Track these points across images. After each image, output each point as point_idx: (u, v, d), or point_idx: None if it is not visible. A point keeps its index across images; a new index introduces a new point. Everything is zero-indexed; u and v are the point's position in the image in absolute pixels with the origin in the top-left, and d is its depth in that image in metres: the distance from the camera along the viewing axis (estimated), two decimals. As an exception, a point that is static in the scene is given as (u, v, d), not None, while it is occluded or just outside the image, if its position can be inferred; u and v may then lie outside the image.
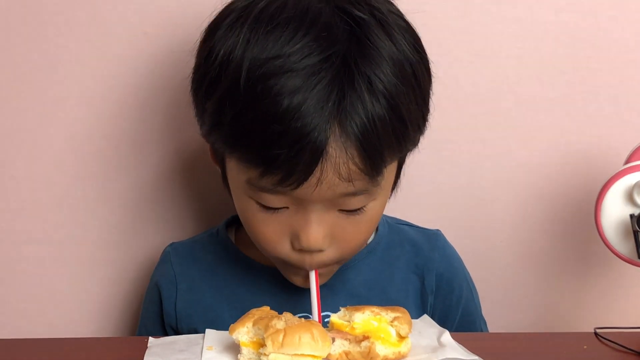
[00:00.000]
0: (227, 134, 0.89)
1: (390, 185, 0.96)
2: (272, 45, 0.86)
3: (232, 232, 1.08)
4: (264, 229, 0.93)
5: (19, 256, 1.17)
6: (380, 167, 0.89)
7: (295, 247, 0.92)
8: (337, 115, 0.85)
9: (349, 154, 0.86)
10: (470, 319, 1.08)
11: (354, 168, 0.87)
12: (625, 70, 1.17)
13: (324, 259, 0.93)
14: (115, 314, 1.20)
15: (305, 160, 0.85)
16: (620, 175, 0.93)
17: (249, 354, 0.82)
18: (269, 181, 0.87)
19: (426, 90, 0.94)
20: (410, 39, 0.92)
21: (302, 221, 0.90)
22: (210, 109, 0.91)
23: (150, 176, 1.17)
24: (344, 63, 0.86)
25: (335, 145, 0.85)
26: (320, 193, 0.87)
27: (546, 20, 1.15)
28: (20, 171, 1.16)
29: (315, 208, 0.90)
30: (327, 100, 0.84)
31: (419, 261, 1.06)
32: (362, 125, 0.85)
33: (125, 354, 0.89)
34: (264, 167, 0.87)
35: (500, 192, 1.19)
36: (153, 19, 1.13)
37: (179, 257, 1.08)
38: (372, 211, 0.94)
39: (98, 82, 1.14)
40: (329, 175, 0.86)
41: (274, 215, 0.91)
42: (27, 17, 1.12)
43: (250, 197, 0.92)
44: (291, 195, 0.88)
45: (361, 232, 0.95)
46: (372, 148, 0.87)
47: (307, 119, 0.84)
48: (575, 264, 1.21)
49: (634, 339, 0.91)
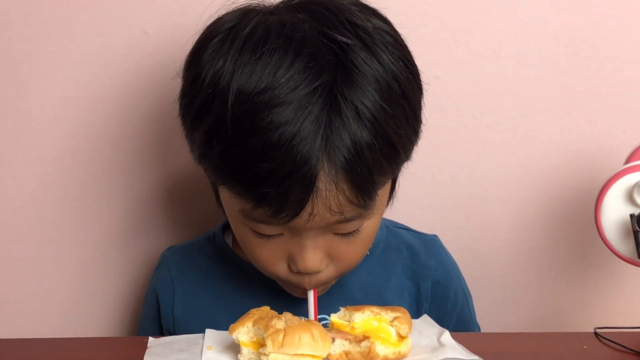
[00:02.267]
0: (216, 167, 0.89)
1: (384, 202, 0.97)
2: (258, 77, 0.84)
3: (228, 235, 1.08)
4: (260, 252, 0.93)
5: (19, 256, 1.17)
6: (372, 193, 0.89)
7: (293, 270, 0.92)
8: (326, 149, 0.84)
9: (339, 188, 0.85)
10: (465, 325, 1.08)
11: (344, 201, 0.86)
12: (625, 70, 1.17)
13: (322, 279, 0.94)
14: (115, 314, 1.20)
15: (295, 197, 0.84)
16: (620, 175, 0.93)
17: (248, 354, 0.82)
18: (262, 213, 0.87)
19: (417, 105, 0.92)
20: (398, 53, 0.90)
21: (298, 247, 0.91)
22: (199, 141, 0.90)
23: (151, 176, 1.17)
24: (330, 94, 0.84)
25: (325, 179, 0.84)
26: (313, 224, 0.87)
27: (546, 20, 1.15)
28: (20, 171, 1.16)
29: (309, 234, 0.90)
30: (315, 135, 0.83)
31: (415, 267, 1.06)
32: (350, 157, 0.84)
33: (125, 354, 0.89)
34: (255, 202, 0.86)
35: (500, 192, 1.19)
36: (153, 19, 1.13)
37: (176, 262, 1.08)
38: (368, 229, 0.94)
39: (98, 82, 1.14)
40: (320, 210, 0.86)
41: (270, 241, 0.92)
42: (27, 17, 1.13)
43: (244, 224, 0.92)
44: (284, 225, 0.88)
45: (357, 250, 0.95)
46: (362, 179, 0.86)
47: (296, 156, 0.83)
48: (575, 264, 1.21)
49: (634, 339, 0.91)
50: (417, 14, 1.12)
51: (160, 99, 1.15)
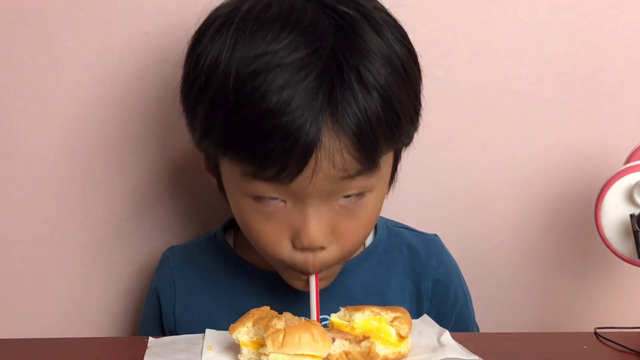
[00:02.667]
0: (219, 136, 0.89)
1: (387, 179, 0.96)
2: (259, 44, 0.86)
3: (230, 235, 1.08)
4: (263, 230, 0.93)
5: (19, 256, 1.17)
6: (375, 155, 0.89)
7: (297, 247, 0.92)
8: (329, 106, 0.85)
9: (342, 143, 0.86)
10: (464, 325, 1.08)
11: (348, 157, 0.87)
12: (625, 70, 1.17)
13: (326, 258, 0.93)
14: (115, 314, 1.20)
15: (299, 152, 0.85)
16: (620, 175, 0.93)
17: (249, 354, 0.82)
18: (265, 176, 0.87)
19: (416, 84, 0.94)
20: (398, 34, 0.92)
21: (301, 218, 0.90)
22: (202, 112, 0.90)
23: (151, 176, 1.17)
24: (332, 56, 0.86)
25: (328, 135, 0.86)
26: (316, 185, 0.87)
27: (546, 20, 1.15)
28: (20, 171, 1.16)
29: (312, 202, 0.90)
30: (317, 92, 0.85)
31: (416, 267, 1.06)
32: (353, 115, 0.86)
33: (125, 354, 0.89)
34: (259, 164, 0.87)
35: (500, 192, 1.19)
36: (153, 19, 1.13)
37: (177, 262, 1.08)
38: (370, 204, 0.94)
39: (98, 82, 1.14)
40: (323, 166, 0.86)
41: (272, 215, 0.91)
42: (27, 17, 1.13)
43: (247, 195, 0.91)
44: (288, 189, 0.88)
45: (360, 227, 0.94)
46: (365, 137, 0.87)
47: (298, 112, 0.84)
48: (575, 264, 1.21)
49: (634, 339, 0.91)
50: (417, 14, 1.12)
51: (160, 99, 1.15)
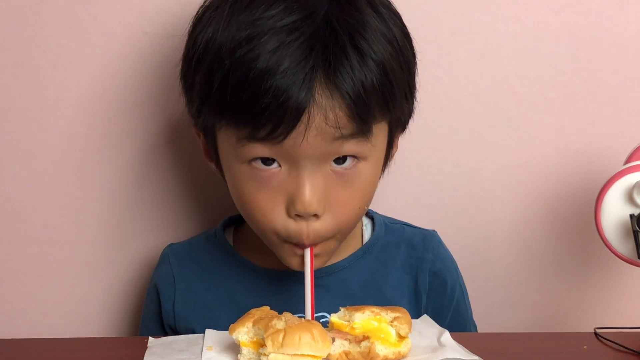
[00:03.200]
0: (216, 101, 0.91)
1: (380, 153, 0.97)
2: (254, 12, 0.90)
3: (229, 234, 1.09)
4: (257, 198, 0.93)
5: (19, 256, 1.17)
6: (367, 117, 0.91)
7: (291, 214, 0.92)
8: (321, 65, 0.88)
9: (335, 101, 0.89)
10: (461, 321, 1.08)
11: (340, 114, 0.89)
12: (625, 70, 1.17)
13: (320, 229, 0.93)
14: (115, 314, 1.20)
15: (292, 108, 0.87)
16: (620, 175, 0.93)
17: (249, 354, 0.82)
18: (260, 136, 0.90)
19: (410, 63, 0.96)
20: (393, 15, 0.95)
21: (295, 184, 0.91)
22: (200, 81, 0.93)
23: (150, 176, 1.17)
24: (325, 21, 0.89)
25: (321, 92, 0.88)
26: (309, 141, 0.89)
27: (546, 20, 1.15)
28: (20, 171, 1.16)
29: (306, 165, 0.91)
30: (310, 52, 0.88)
31: (413, 261, 1.06)
32: (347, 75, 0.89)
33: (125, 354, 0.89)
34: (253, 124, 0.89)
35: (500, 191, 1.19)
36: (153, 19, 1.13)
37: (177, 258, 1.08)
38: (365, 175, 0.94)
39: (98, 82, 1.14)
40: (316, 121, 0.88)
41: (267, 181, 0.92)
42: (27, 17, 1.13)
43: (242, 162, 0.93)
44: (282, 148, 0.90)
45: (354, 197, 0.95)
46: (358, 97, 0.89)
47: (291, 71, 0.87)
48: (575, 263, 1.21)
49: (634, 339, 0.92)
50: (417, 14, 1.12)
51: (160, 99, 1.15)
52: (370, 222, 1.09)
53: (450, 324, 1.05)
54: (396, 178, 1.16)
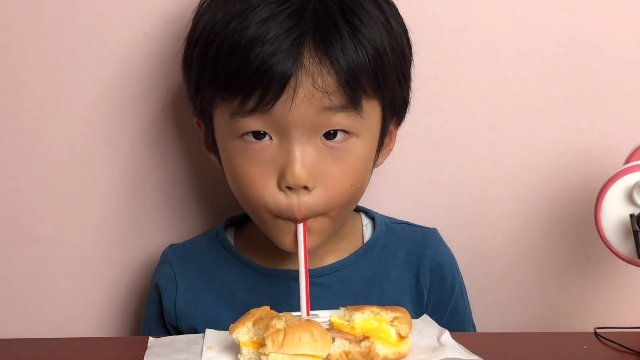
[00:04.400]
0: (210, 71, 0.94)
1: (373, 132, 0.98)
2: None
3: (230, 234, 1.09)
4: (249, 173, 0.95)
5: (19, 256, 1.17)
6: (357, 88, 0.92)
7: (282, 188, 0.93)
8: (310, 32, 0.91)
9: (324, 67, 0.91)
10: (459, 319, 1.08)
11: (329, 80, 0.91)
12: (625, 70, 1.17)
13: (311, 202, 0.94)
14: (115, 314, 1.20)
15: (279, 72, 0.90)
16: (620, 175, 0.93)
17: (249, 353, 0.82)
18: (250, 107, 0.91)
19: (404, 48, 0.98)
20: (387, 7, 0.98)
21: (286, 156, 0.93)
22: (196, 55, 0.97)
23: (151, 176, 1.17)
24: None
25: (310, 58, 0.90)
26: (298, 108, 0.91)
27: (546, 20, 1.15)
28: (20, 171, 1.16)
29: (296, 136, 0.92)
30: (300, 20, 0.91)
31: (413, 258, 1.06)
32: (337, 44, 0.91)
33: (125, 354, 0.89)
34: (243, 93, 0.91)
35: (500, 191, 1.19)
36: (153, 19, 1.13)
37: (178, 258, 1.08)
38: (356, 151, 0.95)
39: (98, 82, 1.14)
40: (304, 85, 0.90)
41: (259, 155, 0.94)
42: (27, 17, 1.13)
43: (235, 137, 0.94)
44: (272, 118, 0.91)
45: (345, 172, 0.95)
46: (348, 65, 0.91)
47: (279, 39, 0.90)
48: (575, 264, 1.21)
49: (634, 339, 0.92)
50: (417, 14, 1.12)
51: (160, 99, 1.15)
52: (371, 222, 1.09)
53: (447, 322, 1.05)
54: (396, 178, 1.16)
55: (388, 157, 1.06)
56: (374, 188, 1.12)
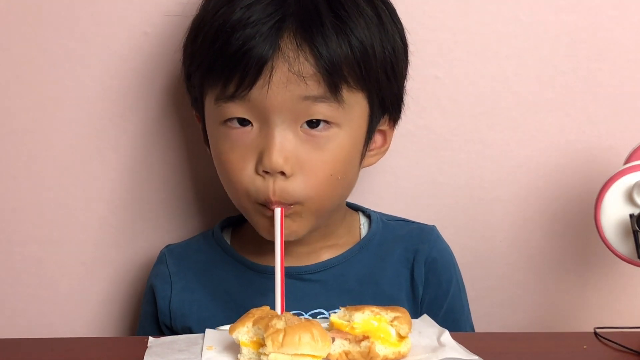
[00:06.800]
0: (198, 55, 0.97)
1: (358, 125, 0.98)
2: None
3: (227, 234, 1.09)
4: (230, 157, 0.96)
5: (19, 256, 1.17)
6: (336, 76, 0.93)
7: (259, 171, 0.94)
8: (291, 17, 0.92)
9: (302, 52, 0.92)
10: (455, 317, 1.07)
11: (306, 66, 0.92)
12: (625, 70, 1.17)
13: (287, 187, 0.94)
14: (115, 314, 1.20)
15: (256, 55, 0.91)
16: (620, 175, 0.93)
17: (249, 353, 0.82)
18: (230, 92, 0.93)
19: (396, 45, 0.98)
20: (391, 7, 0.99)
21: (265, 141, 0.94)
22: (189, 42, 1.00)
23: (151, 176, 1.17)
24: None
25: (289, 43, 0.92)
26: (275, 92, 0.92)
27: (546, 20, 1.15)
28: (20, 171, 1.16)
29: (276, 122, 0.93)
30: (282, 5, 0.93)
31: (409, 254, 1.06)
32: (317, 30, 0.92)
33: (125, 354, 0.89)
34: (224, 77, 0.93)
35: (500, 192, 1.19)
36: (153, 19, 1.13)
37: (174, 258, 1.08)
38: (337, 141, 0.95)
39: (98, 82, 1.14)
40: (280, 69, 0.91)
41: (240, 140, 0.95)
42: (27, 17, 1.13)
43: (220, 123, 0.96)
44: (251, 103, 0.93)
45: (325, 162, 0.95)
46: (328, 53, 0.92)
47: (261, 22, 0.92)
48: (575, 264, 1.21)
49: (634, 339, 0.91)
50: (417, 14, 1.12)
51: (160, 99, 1.15)
52: (368, 220, 1.09)
53: (443, 320, 1.03)
54: (396, 178, 1.16)
55: (388, 157, 1.06)
56: (374, 188, 1.12)
